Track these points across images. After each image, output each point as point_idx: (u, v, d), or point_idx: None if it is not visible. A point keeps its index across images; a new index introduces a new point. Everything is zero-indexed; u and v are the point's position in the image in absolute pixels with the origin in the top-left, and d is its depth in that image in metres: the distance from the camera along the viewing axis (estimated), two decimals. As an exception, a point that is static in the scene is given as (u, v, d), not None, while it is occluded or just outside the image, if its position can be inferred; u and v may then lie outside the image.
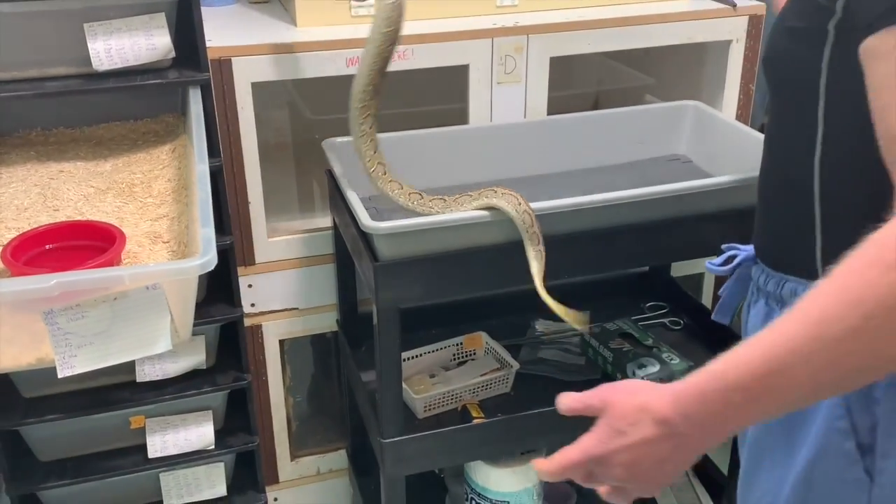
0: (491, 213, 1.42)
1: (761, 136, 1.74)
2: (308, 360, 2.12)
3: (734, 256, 1.22)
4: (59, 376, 0.97)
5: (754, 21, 1.90)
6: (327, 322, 1.93)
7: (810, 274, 1.00)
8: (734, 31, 1.90)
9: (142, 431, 1.63)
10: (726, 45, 1.92)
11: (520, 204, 1.40)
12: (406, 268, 1.42)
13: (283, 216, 1.95)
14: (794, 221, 1.02)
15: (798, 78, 0.97)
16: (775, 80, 1.03)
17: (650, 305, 2.04)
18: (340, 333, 1.90)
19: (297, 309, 1.89)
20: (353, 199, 1.48)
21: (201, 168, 1.16)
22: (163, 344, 0.98)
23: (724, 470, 1.97)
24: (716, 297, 2.20)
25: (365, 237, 1.47)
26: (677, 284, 2.07)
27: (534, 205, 1.42)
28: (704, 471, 2.06)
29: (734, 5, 1.89)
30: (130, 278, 0.92)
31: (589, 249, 1.51)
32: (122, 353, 0.97)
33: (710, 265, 1.25)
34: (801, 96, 0.97)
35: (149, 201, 1.33)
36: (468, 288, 1.48)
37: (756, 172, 1.28)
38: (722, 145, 1.83)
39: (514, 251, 1.44)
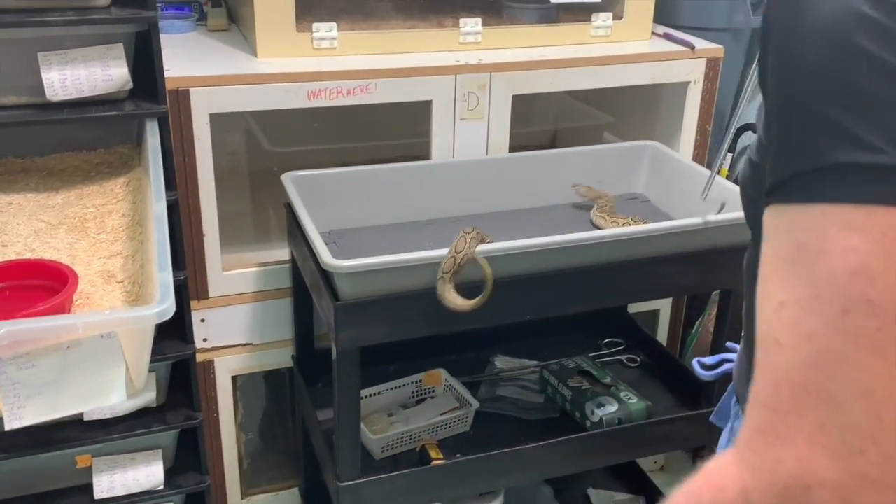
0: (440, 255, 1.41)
1: (717, 179, 1.78)
2: (260, 396, 2.07)
3: (724, 361, 1.16)
4: (7, 428, 0.92)
5: (712, 63, 1.93)
6: (282, 358, 1.89)
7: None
8: (692, 72, 1.93)
9: (88, 471, 1.57)
10: (684, 86, 1.94)
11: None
12: (368, 307, 1.40)
13: (237, 248, 1.91)
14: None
15: (750, 215, 0.84)
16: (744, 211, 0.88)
17: (607, 342, 2.05)
18: (296, 370, 1.86)
19: (251, 344, 1.85)
20: (314, 235, 1.45)
21: (159, 207, 1.13)
22: (117, 395, 0.94)
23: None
24: (675, 334, 2.21)
25: (325, 275, 1.45)
26: (634, 321, 2.07)
27: (507, 244, 1.42)
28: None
29: (692, 47, 1.91)
30: (84, 327, 0.88)
31: (549, 290, 1.50)
32: (73, 404, 0.92)
33: (697, 368, 1.18)
34: (754, 233, 0.82)
35: (102, 237, 1.29)
36: (431, 328, 1.46)
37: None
38: (679, 185, 1.84)
39: (477, 291, 1.42)
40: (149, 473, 1.63)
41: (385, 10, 1.91)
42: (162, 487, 1.61)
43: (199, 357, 1.75)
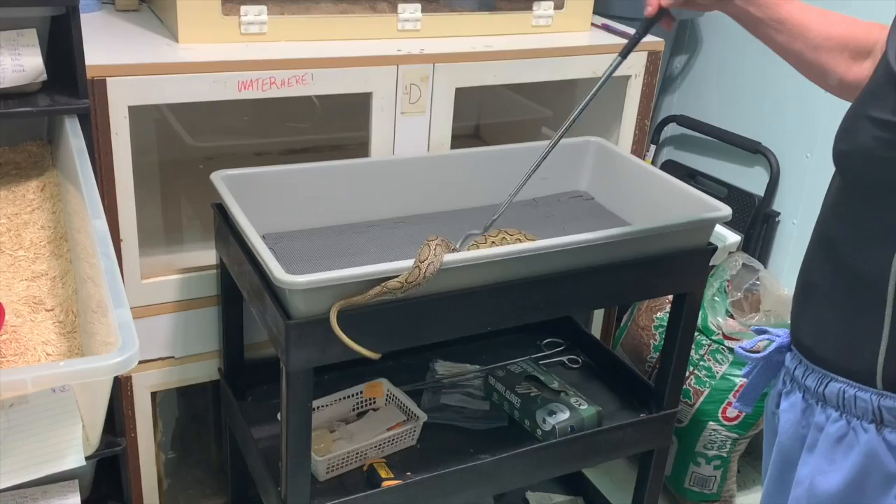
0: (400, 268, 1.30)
1: (664, 175, 1.74)
2: (181, 411, 1.91)
3: (767, 342, 1.16)
4: (-66, 503, 0.76)
5: (653, 57, 1.89)
6: (207, 371, 1.74)
7: (865, 379, 0.95)
8: (634, 66, 1.88)
9: (-8, 509, 1.39)
10: (625, 80, 1.89)
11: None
12: (322, 325, 1.28)
13: (154, 252, 1.74)
14: (857, 322, 0.96)
15: (886, 179, 0.90)
16: (854, 174, 0.96)
17: (547, 342, 1.99)
18: (223, 383, 1.72)
19: (172, 357, 1.69)
20: (258, 244, 1.32)
21: (99, 226, 0.97)
22: (73, 458, 0.79)
23: None
24: (608, 330, 2.18)
25: (271, 288, 1.32)
26: (572, 319, 2.02)
27: (476, 253, 1.35)
28: None
29: (635, 40, 1.86)
30: (35, 382, 0.73)
31: (511, 300, 1.42)
32: (19, 472, 0.77)
33: (739, 349, 1.18)
34: (889, 198, 0.90)
35: (20, 255, 1.11)
36: (390, 344, 1.35)
37: (667, 216, 1.23)
38: (623, 183, 1.80)
39: (438, 302, 1.33)
40: (64, 507, 1.46)
41: (315, -9, 1.77)
42: (79, 522, 1.45)
43: (117, 374, 1.59)
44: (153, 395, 1.71)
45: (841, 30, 1.07)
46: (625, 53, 1.26)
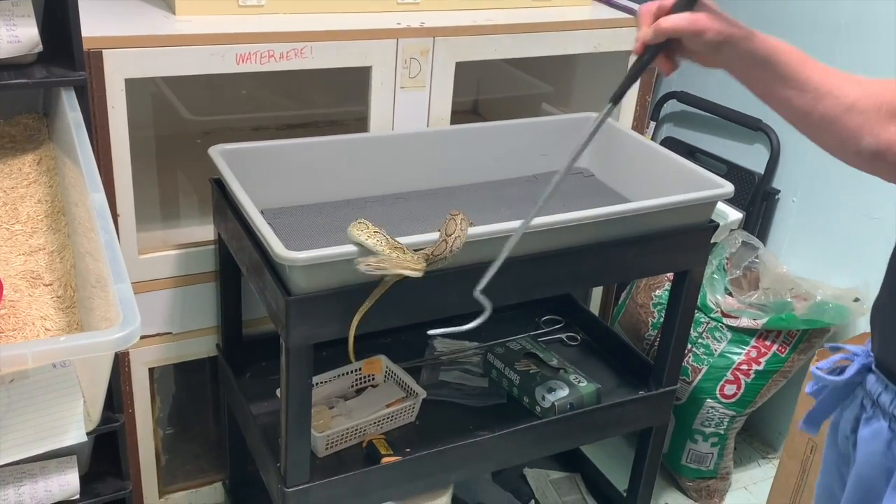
0: (422, 241, 1.29)
1: (665, 152, 1.73)
2: (178, 387, 1.90)
3: (845, 362, 1.06)
4: (-66, 479, 0.75)
5: (655, 32, 1.86)
6: (205, 347, 1.73)
7: None
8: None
9: (-9, 485, 1.39)
10: (626, 55, 1.87)
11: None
12: (322, 301, 1.27)
13: (151, 228, 1.73)
14: None
15: None
16: None
17: (546, 319, 1.98)
18: (222, 359, 1.71)
19: (170, 333, 1.68)
20: (258, 220, 1.30)
21: (97, 199, 0.96)
22: (74, 433, 0.79)
23: (622, 487, 1.95)
24: (607, 307, 2.18)
25: (270, 263, 1.30)
26: (571, 296, 2.02)
27: (500, 226, 1.33)
28: (599, 489, 2.03)
29: (636, 14, 1.84)
30: (35, 357, 0.72)
31: (519, 276, 1.41)
32: (20, 448, 0.77)
33: (816, 371, 1.07)
34: None
35: (17, 229, 1.10)
36: (391, 320, 1.35)
37: (668, 193, 1.18)
38: (624, 159, 1.78)
39: (439, 278, 1.32)
40: (62, 482, 1.45)
41: (313, -37, 1.74)
42: (77, 497, 1.44)
43: (114, 350, 1.58)
44: (151, 371, 1.70)
45: (876, 87, 0.96)
46: (616, 98, 1.12)
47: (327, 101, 2.08)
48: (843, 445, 1.08)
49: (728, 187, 1.53)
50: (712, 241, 1.58)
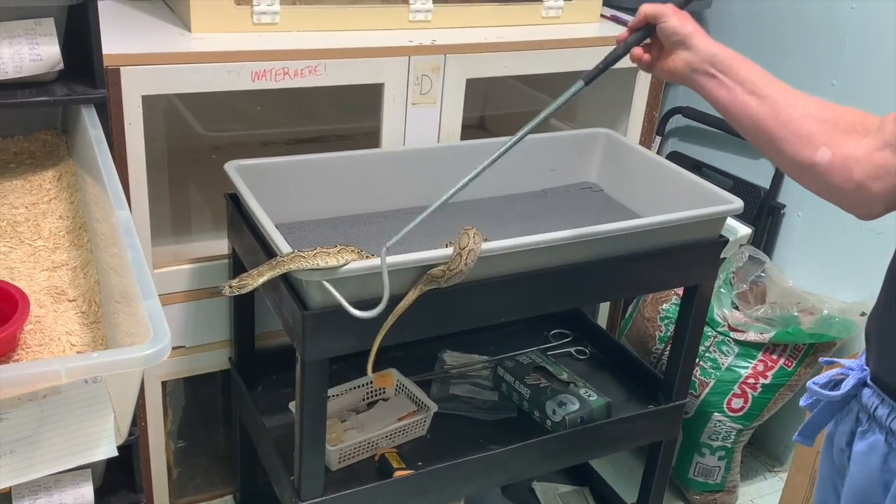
0: (435, 256, 1.31)
1: (673, 167, 1.75)
2: (189, 400, 1.91)
3: (841, 376, 1.06)
4: (-32, 493, 0.76)
5: (662, 49, 1.89)
6: (217, 360, 1.74)
7: None
8: (643, 58, 1.87)
9: (7, 497, 1.39)
10: (634, 72, 1.90)
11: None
12: (339, 316, 1.28)
13: (165, 242, 1.74)
14: None
15: None
16: None
17: (554, 333, 2.00)
18: (234, 373, 1.72)
19: (183, 347, 1.69)
20: (275, 235, 1.32)
21: (122, 216, 0.97)
22: (105, 448, 0.80)
23: (630, 501, 1.95)
24: (614, 321, 2.19)
25: (287, 280, 1.32)
26: (579, 310, 2.03)
27: (514, 241, 1.35)
28: (607, 502, 2.04)
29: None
30: (69, 373, 0.73)
31: (528, 290, 1.42)
32: (51, 462, 0.78)
33: (813, 386, 1.07)
34: None
35: (40, 245, 1.11)
36: (406, 335, 1.36)
37: (677, 208, 1.24)
38: (633, 174, 1.80)
39: (452, 294, 1.33)
40: (77, 495, 1.45)
41: (325, -19, 1.76)
42: (92, 510, 1.45)
43: (129, 364, 1.59)
44: (164, 384, 1.71)
45: (831, 108, 1.01)
46: (588, 79, 1.24)
47: (335, 116, 2.09)
48: (837, 458, 1.10)
49: (737, 203, 1.55)
50: (722, 255, 1.60)
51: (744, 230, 1.67)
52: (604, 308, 2.16)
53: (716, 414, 2.07)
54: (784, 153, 1.02)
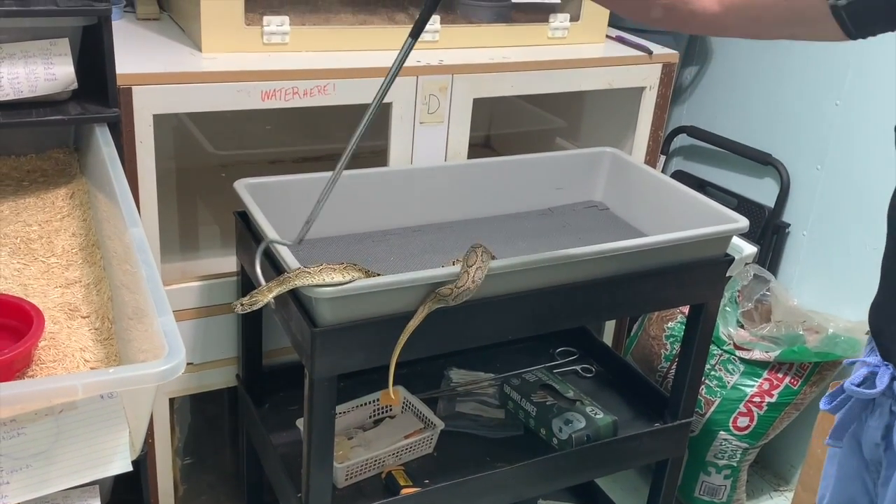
0: (443, 274, 1.32)
1: (679, 186, 1.76)
2: (195, 417, 1.92)
3: (872, 373, 1.05)
4: (-17, 508, 0.77)
5: (667, 69, 1.91)
6: (224, 377, 1.75)
7: None
8: (648, 77, 1.90)
9: (14, 515, 1.40)
10: (639, 91, 1.91)
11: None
12: (348, 333, 1.29)
13: (173, 259, 1.75)
14: None
15: None
16: None
17: (560, 351, 2.00)
18: (242, 390, 1.73)
19: (191, 364, 1.70)
20: (286, 254, 1.33)
21: (136, 234, 0.98)
22: (120, 463, 0.81)
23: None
24: (620, 339, 2.19)
25: (297, 297, 1.33)
26: (585, 327, 2.04)
27: (522, 259, 1.36)
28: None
29: (650, 53, 1.88)
30: (85, 388, 0.74)
31: (538, 307, 1.43)
32: (66, 477, 0.79)
33: (851, 387, 1.06)
34: None
35: (53, 262, 1.13)
36: (414, 351, 1.36)
37: (682, 226, 1.25)
38: (638, 193, 1.81)
39: (459, 311, 1.34)
40: (84, 513, 1.46)
41: (333, 2, 1.78)
42: (99, 528, 1.45)
43: (137, 381, 1.59)
44: (171, 401, 1.72)
45: None
46: (415, 33, 1.19)
47: (344, 135, 2.10)
48: (870, 454, 1.09)
49: (743, 222, 1.56)
50: (727, 274, 1.61)
51: (749, 249, 1.68)
52: (609, 326, 2.17)
53: (721, 432, 2.07)
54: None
